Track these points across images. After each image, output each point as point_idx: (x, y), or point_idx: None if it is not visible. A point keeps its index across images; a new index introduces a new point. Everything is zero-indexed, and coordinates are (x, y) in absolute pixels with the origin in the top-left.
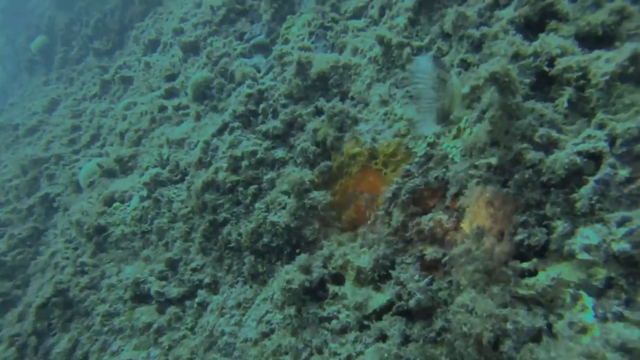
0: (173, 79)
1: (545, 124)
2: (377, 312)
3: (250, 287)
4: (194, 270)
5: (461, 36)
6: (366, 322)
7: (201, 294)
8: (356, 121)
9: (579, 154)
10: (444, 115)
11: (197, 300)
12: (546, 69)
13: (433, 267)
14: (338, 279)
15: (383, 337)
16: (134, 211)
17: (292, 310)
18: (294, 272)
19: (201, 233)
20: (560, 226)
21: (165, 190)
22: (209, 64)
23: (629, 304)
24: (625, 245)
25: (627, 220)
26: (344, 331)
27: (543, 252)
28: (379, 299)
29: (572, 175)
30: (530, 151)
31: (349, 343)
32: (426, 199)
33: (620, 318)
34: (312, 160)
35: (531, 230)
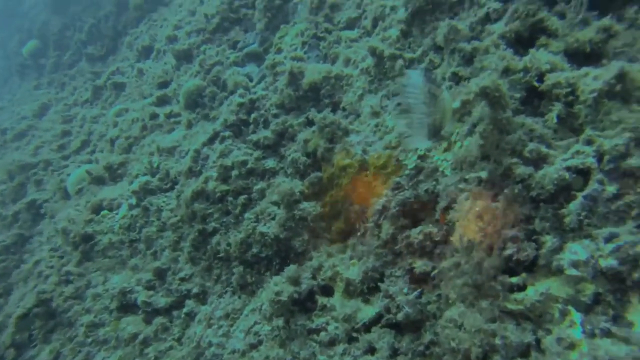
0: (165, 87)
1: (535, 138)
2: (366, 325)
3: (239, 297)
4: (182, 279)
5: (453, 49)
6: (355, 335)
7: (189, 304)
8: (347, 132)
9: (568, 169)
10: (435, 130)
11: (184, 310)
12: (536, 84)
13: (422, 280)
14: (327, 290)
15: (372, 350)
16: (123, 219)
17: (280, 322)
18: (282, 284)
19: (190, 242)
20: (549, 241)
21: (155, 199)
22: (201, 72)
23: (616, 320)
24: (613, 262)
25: (614, 237)
26: (332, 343)
27: (532, 267)
28: (368, 311)
29: (561, 191)
30: (520, 166)
31: (338, 355)
32: (416, 212)
33: (608, 334)
34: (303, 171)
35: (520, 245)
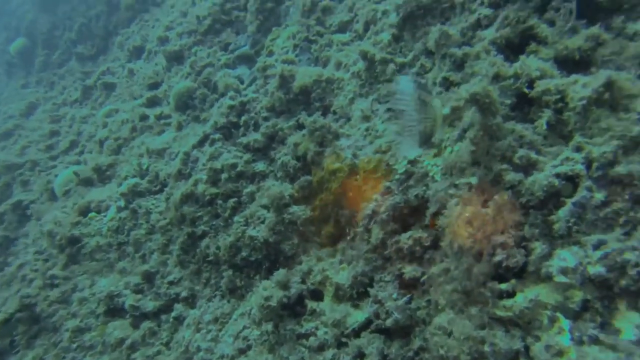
0: (156, 88)
1: (525, 145)
2: (355, 330)
3: (228, 301)
4: (171, 283)
5: (444, 54)
6: (344, 340)
7: (178, 308)
8: (337, 136)
9: (557, 176)
10: (425, 138)
11: (173, 314)
12: (526, 90)
13: (412, 285)
14: (317, 294)
15: (361, 355)
16: (111, 222)
17: (269, 327)
18: (272, 288)
19: (179, 245)
20: (539, 248)
21: (144, 201)
22: (192, 73)
23: (604, 327)
24: (601, 269)
25: (602, 244)
26: (321, 348)
27: (521, 274)
28: (357, 316)
29: (551, 197)
30: (509, 172)
31: None
32: (406, 217)
33: (596, 341)
34: (293, 174)
35: (510, 251)
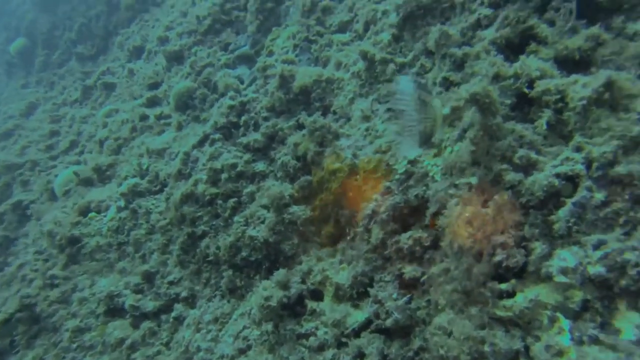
0: (156, 88)
1: (525, 145)
2: (355, 330)
3: (228, 301)
4: (171, 283)
5: (444, 54)
6: (344, 340)
7: (178, 308)
8: (337, 136)
9: (557, 176)
10: (425, 138)
11: (173, 314)
12: (526, 90)
13: (412, 285)
14: (317, 294)
15: (361, 355)
16: (111, 222)
17: (269, 327)
18: (272, 288)
19: (179, 245)
20: (539, 248)
21: (144, 201)
22: (192, 73)
23: (604, 327)
24: (601, 269)
25: (602, 244)
26: (321, 348)
27: (521, 274)
28: (357, 316)
29: (551, 197)
30: (509, 172)
31: None
32: (406, 217)
33: (596, 341)
34: (293, 174)
35: (510, 251)
